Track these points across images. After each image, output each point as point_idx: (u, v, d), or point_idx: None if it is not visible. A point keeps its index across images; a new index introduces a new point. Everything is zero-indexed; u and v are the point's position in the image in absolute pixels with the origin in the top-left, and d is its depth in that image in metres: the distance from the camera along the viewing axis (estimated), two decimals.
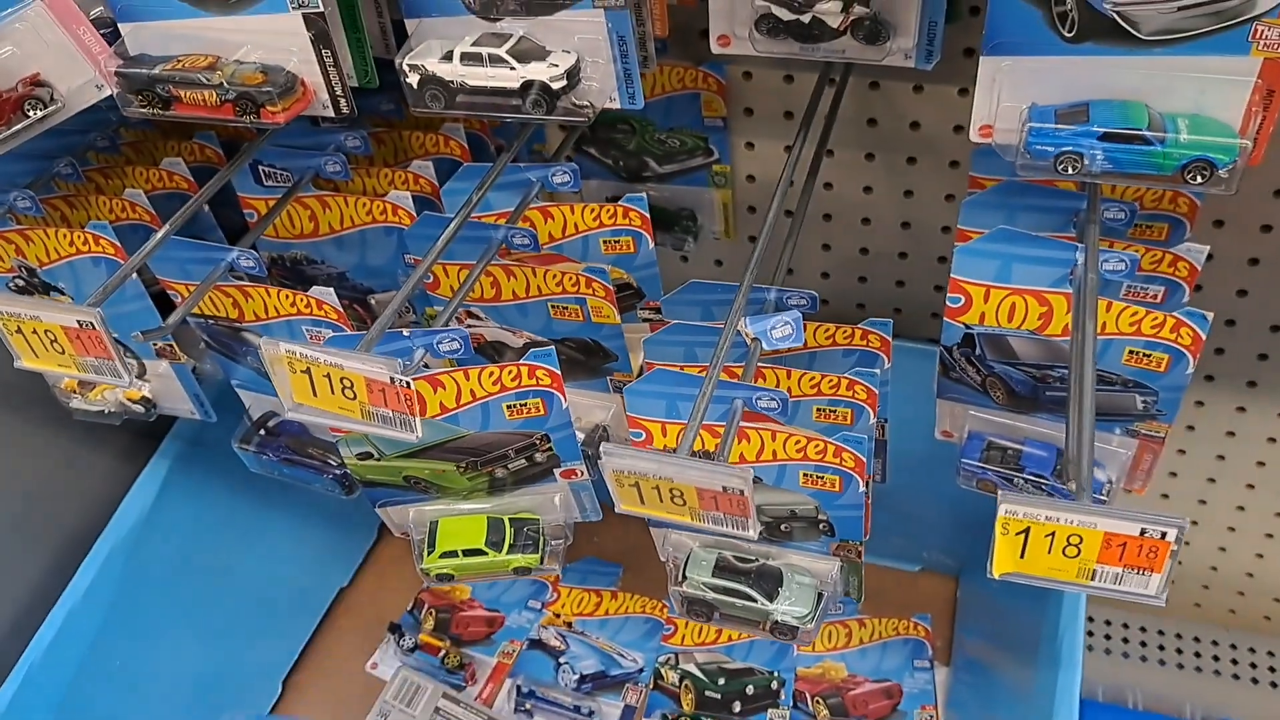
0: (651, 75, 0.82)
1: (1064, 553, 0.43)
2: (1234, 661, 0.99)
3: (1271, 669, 0.98)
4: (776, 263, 0.65)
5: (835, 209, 0.89)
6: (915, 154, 0.82)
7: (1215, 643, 1.00)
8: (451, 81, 0.57)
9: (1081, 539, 0.43)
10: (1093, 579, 0.44)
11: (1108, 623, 1.03)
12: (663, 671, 1.01)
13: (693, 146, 0.86)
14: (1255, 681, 0.97)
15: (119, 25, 0.58)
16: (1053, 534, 0.43)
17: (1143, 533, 0.42)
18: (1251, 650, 1.00)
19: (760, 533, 0.56)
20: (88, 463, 0.91)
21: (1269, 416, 0.89)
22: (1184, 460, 0.95)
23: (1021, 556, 0.44)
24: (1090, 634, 1.02)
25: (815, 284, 0.96)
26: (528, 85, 0.55)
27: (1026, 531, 0.43)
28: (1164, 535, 0.41)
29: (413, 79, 0.58)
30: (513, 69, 0.55)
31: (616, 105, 0.57)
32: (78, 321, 0.55)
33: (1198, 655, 0.99)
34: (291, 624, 1.08)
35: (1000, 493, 0.43)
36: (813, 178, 0.70)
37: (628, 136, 0.85)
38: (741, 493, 0.47)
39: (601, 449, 0.48)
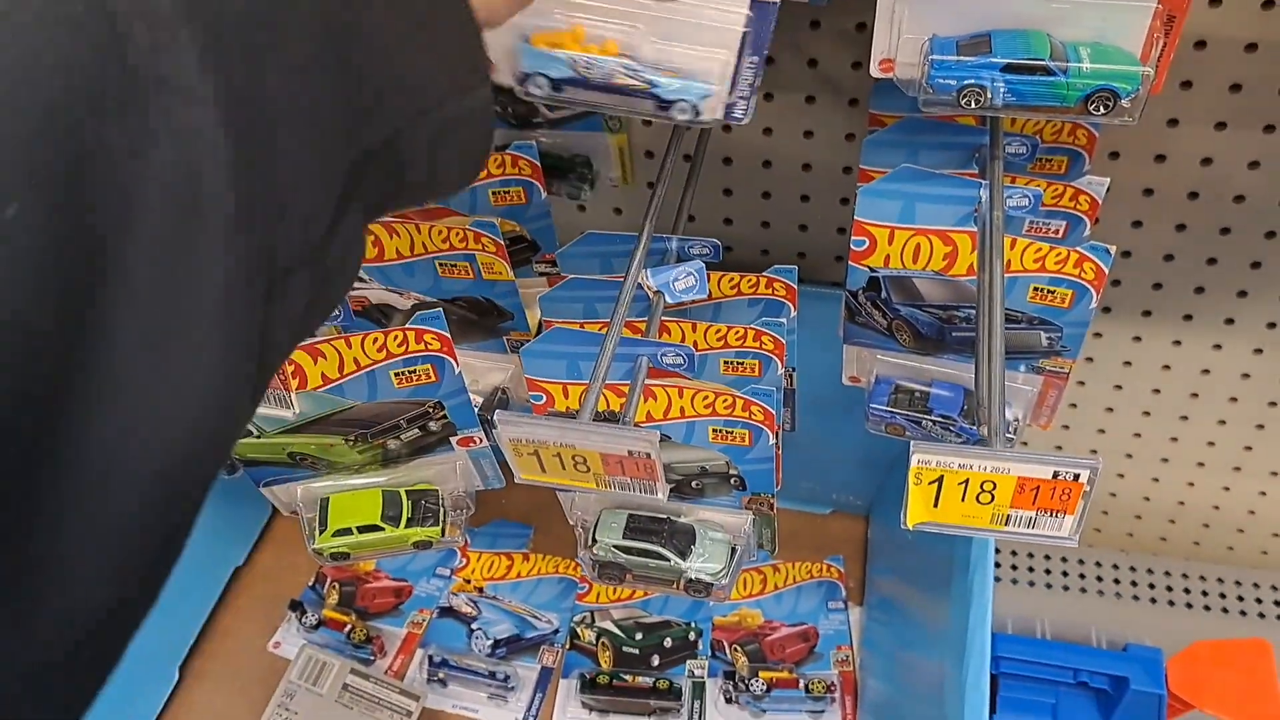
0: None
1: (978, 499, 0.42)
2: (1133, 584, 1.02)
3: (1169, 588, 1.01)
4: (677, 211, 0.62)
5: (735, 152, 0.86)
6: (813, 93, 0.80)
7: (1115, 566, 1.03)
8: None
9: (995, 485, 0.41)
10: (1007, 524, 0.43)
11: (1014, 553, 1.05)
12: (579, 631, 1.00)
13: None
14: (1154, 601, 1.00)
15: None
16: (966, 481, 0.42)
17: (1055, 475, 0.41)
18: (1150, 571, 1.03)
19: (670, 490, 0.53)
20: None
21: (1164, 344, 0.90)
22: (1083, 391, 0.96)
23: (935, 505, 0.43)
24: (998, 565, 1.04)
25: (717, 231, 0.94)
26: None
27: (940, 480, 0.42)
28: (1076, 477, 0.40)
29: None
30: None
31: None
32: None
33: (1099, 580, 1.02)
34: (186, 607, 1.03)
35: (912, 443, 0.41)
36: None
37: None
38: (648, 455, 0.44)
39: (495, 417, 0.45)
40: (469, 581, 1.06)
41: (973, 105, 0.49)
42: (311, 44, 0.27)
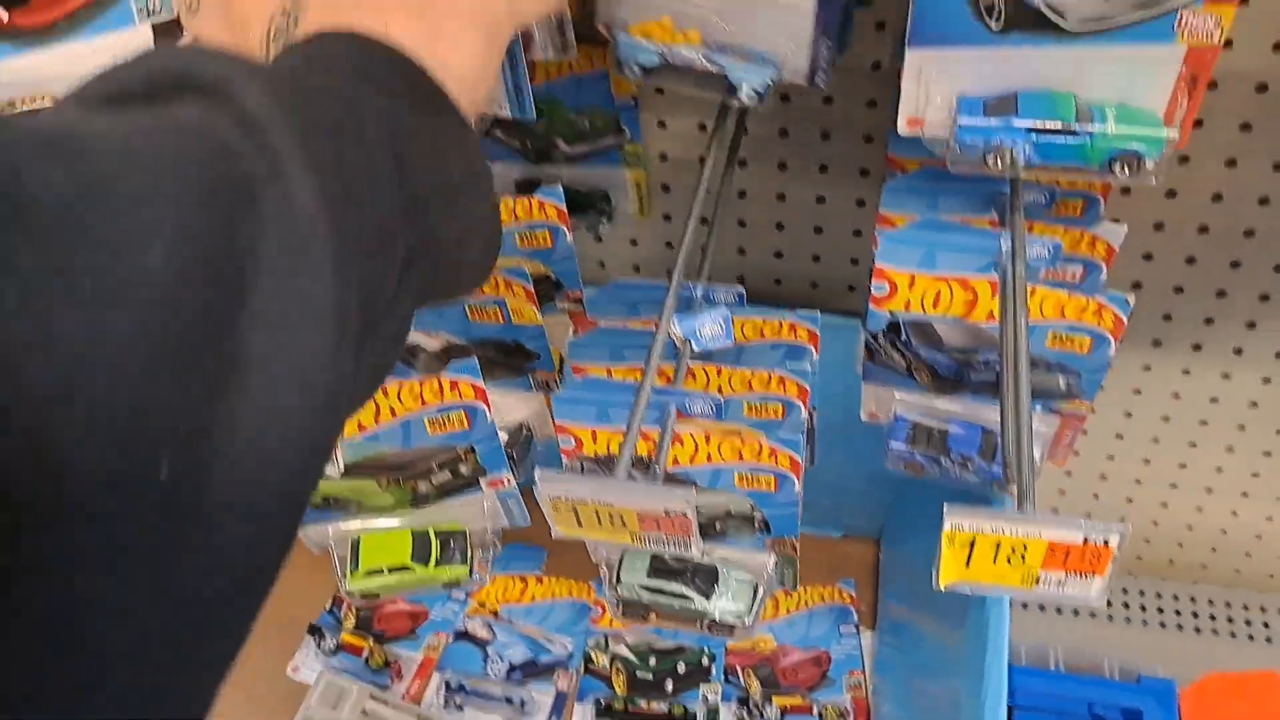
0: None
1: (1009, 561, 0.43)
2: (1143, 608, 1.03)
3: (1177, 612, 1.02)
4: (697, 247, 0.63)
5: (750, 185, 0.88)
6: (829, 129, 0.81)
7: (1125, 590, 1.04)
8: None
9: (1026, 548, 0.42)
10: (1037, 584, 0.44)
11: None
12: (593, 655, 1.01)
13: (603, 126, 0.83)
14: (1163, 626, 1.01)
15: None
16: (998, 544, 0.43)
17: (1085, 540, 0.42)
18: (1159, 595, 1.04)
19: None
20: None
21: (1173, 373, 0.91)
22: (1093, 418, 0.97)
23: (967, 566, 0.44)
24: None
25: (732, 261, 0.95)
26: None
27: (972, 543, 0.43)
28: (1106, 542, 0.41)
29: None
30: None
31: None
32: None
33: (1109, 604, 1.03)
34: None
35: (946, 505, 0.42)
36: (733, 154, 0.68)
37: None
38: (684, 514, 0.45)
39: (536, 475, 0.46)
40: (484, 604, 1.07)
41: (999, 165, 0.50)
42: (378, 148, 0.31)
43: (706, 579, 0.64)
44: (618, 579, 0.64)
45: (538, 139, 0.84)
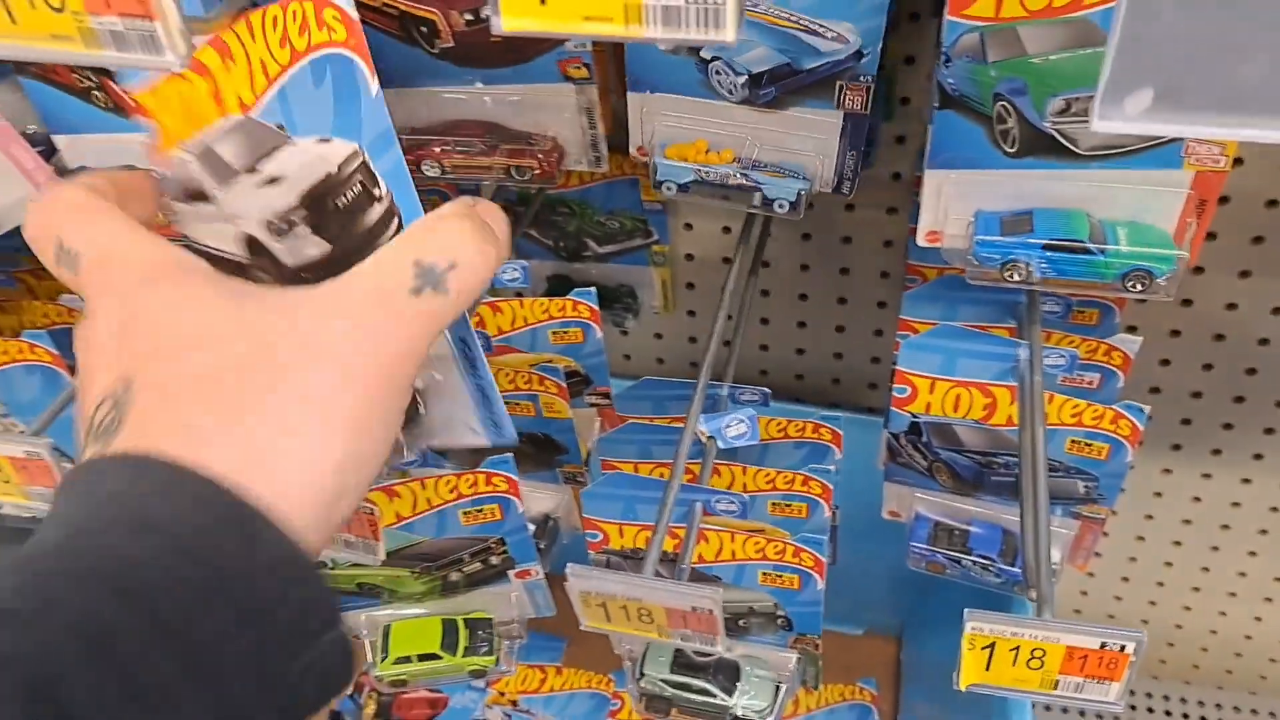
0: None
1: (1028, 665, 0.44)
2: (1167, 713, 1.02)
3: (1203, 718, 1.01)
4: (722, 343, 0.65)
5: (773, 285, 0.90)
6: (850, 234, 0.84)
7: (1149, 694, 1.03)
8: None
9: (1045, 652, 0.43)
10: (1055, 688, 0.45)
11: None
12: None
13: (632, 228, 0.86)
14: None
15: (53, 138, 0.56)
16: (1017, 648, 0.44)
17: (1103, 645, 0.43)
18: (1183, 700, 1.03)
19: None
20: None
21: (1193, 477, 0.92)
22: (1115, 520, 0.98)
23: (987, 669, 0.45)
24: None
25: (755, 356, 0.97)
26: None
27: (992, 646, 0.44)
28: (1123, 648, 0.42)
29: None
30: None
31: None
32: (24, 452, 0.52)
33: (1133, 709, 1.02)
34: None
35: (966, 612, 0.44)
36: (758, 256, 0.71)
37: (568, 219, 0.85)
38: (710, 612, 0.47)
39: (568, 571, 0.47)
40: (503, 694, 1.07)
41: (1015, 278, 0.53)
42: (237, 610, 0.30)
43: (729, 675, 0.65)
44: (641, 673, 0.65)
45: (569, 238, 0.87)
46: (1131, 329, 0.67)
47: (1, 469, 0.53)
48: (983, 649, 0.44)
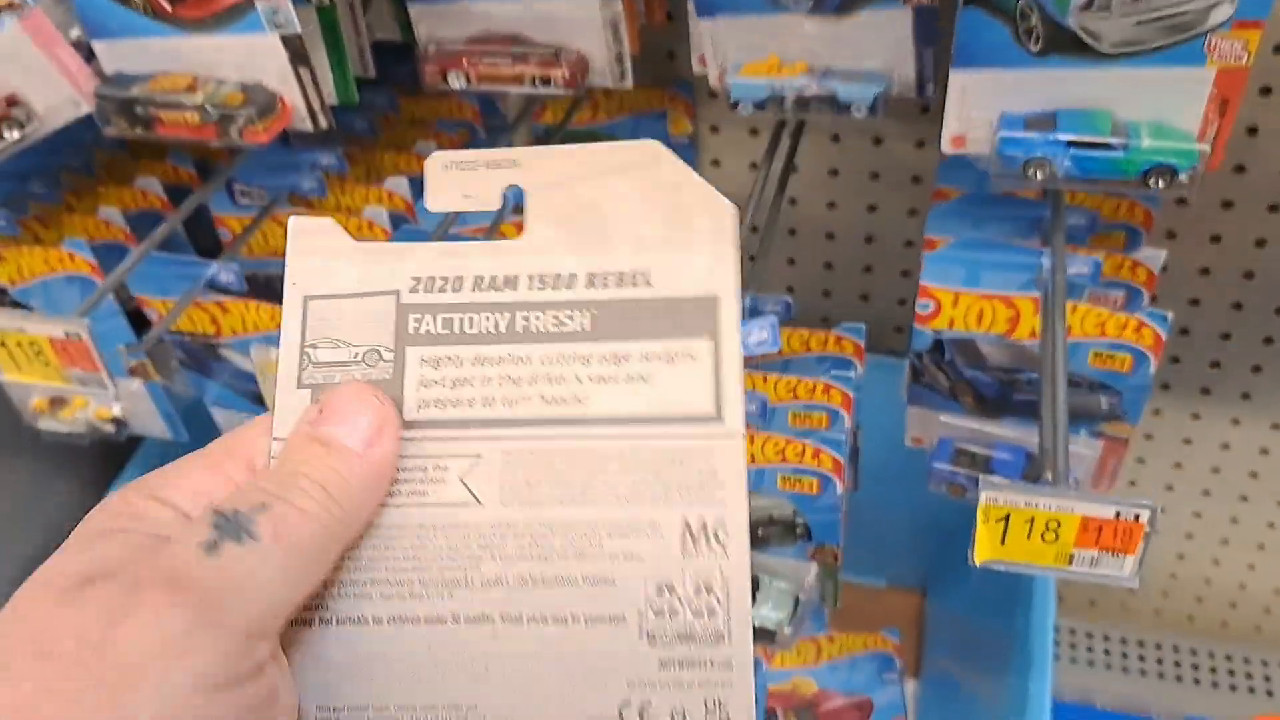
0: (619, 95, 0.83)
1: (1043, 538, 0.45)
2: (1194, 667, 1.01)
3: (1231, 672, 1.00)
4: (747, 257, 0.66)
5: (800, 224, 0.91)
6: (878, 169, 0.85)
7: (1176, 648, 1.03)
8: None
9: (1060, 523, 0.44)
10: (1070, 563, 0.45)
11: (1072, 631, 1.05)
12: None
13: None
14: (1215, 686, 0.99)
15: (92, 43, 0.58)
16: (1032, 519, 0.44)
17: (1117, 515, 0.43)
18: (1211, 655, 1.02)
19: None
20: (53, 485, 0.90)
21: (1223, 422, 0.92)
22: (1143, 469, 0.98)
23: (1002, 543, 0.45)
24: (1057, 643, 1.04)
25: (782, 271, 0.97)
26: None
27: (1007, 518, 0.44)
28: (1137, 517, 0.43)
29: None
30: None
31: None
32: (64, 332, 0.54)
33: (1159, 662, 1.01)
34: None
35: (981, 478, 0.44)
36: (780, 193, 0.72)
37: None
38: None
39: None
40: None
41: (1038, 177, 0.53)
42: None
43: None
44: None
45: None
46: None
47: (41, 351, 0.55)
48: (997, 521, 0.44)
